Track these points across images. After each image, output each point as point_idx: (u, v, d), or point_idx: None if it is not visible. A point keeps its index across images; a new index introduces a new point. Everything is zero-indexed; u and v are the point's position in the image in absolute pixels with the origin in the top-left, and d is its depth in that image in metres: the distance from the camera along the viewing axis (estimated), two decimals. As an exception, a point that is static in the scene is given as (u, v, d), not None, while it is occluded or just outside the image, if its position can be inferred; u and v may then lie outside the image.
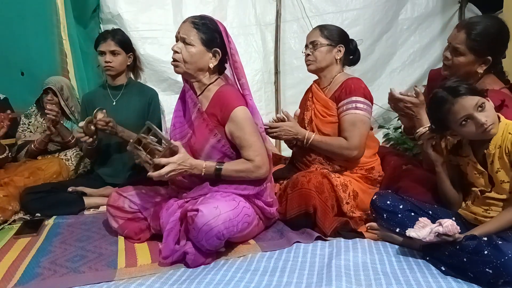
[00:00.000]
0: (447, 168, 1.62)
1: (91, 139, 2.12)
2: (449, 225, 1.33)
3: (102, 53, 2.29)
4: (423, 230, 1.39)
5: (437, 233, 1.35)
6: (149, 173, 1.54)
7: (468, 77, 1.66)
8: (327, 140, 1.92)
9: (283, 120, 2.00)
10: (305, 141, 1.94)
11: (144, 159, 1.56)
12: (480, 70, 1.69)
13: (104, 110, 2.16)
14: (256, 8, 3.48)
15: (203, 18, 1.69)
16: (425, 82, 2.14)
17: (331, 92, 1.99)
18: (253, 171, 1.64)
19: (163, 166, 1.53)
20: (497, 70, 1.75)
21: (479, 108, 1.39)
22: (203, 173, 1.61)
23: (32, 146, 2.54)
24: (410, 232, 1.42)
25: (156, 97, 2.43)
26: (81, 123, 2.10)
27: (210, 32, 1.66)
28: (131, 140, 1.61)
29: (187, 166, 1.57)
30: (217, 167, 1.62)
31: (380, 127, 3.48)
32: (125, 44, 2.35)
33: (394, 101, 1.77)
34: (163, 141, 1.60)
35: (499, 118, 1.45)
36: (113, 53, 2.28)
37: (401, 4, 3.47)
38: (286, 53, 3.52)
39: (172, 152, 1.57)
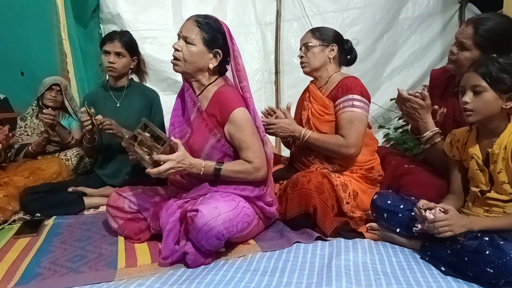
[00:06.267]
0: (450, 164, 1.63)
1: (91, 126, 2.13)
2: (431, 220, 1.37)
3: (107, 52, 2.27)
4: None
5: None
6: (147, 170, 1.52)
7: None
8: (324, 138, 1.91)
9: (272, 114, 2.00)
10: (301, 138, 1.93)
11: (141, 155, 1.53)
12: None
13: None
14: (256, 7, 3.47)
15: (207, 17, 1.67)
16: (426, 82, 2.14)
17: (328, 91, 1.99)
18: (252, 173, 1.64)
19: (161, 164, 1.51)
20: None
21: (475, 92, 1.41)
22: (202, 172, 1.60)
23: (30, 148, 2.55)
24: (418, 226, 1.44)
25: (158, 98, 2.43)
26: (83, 108, 2.12)
27: (213, 32, 1.64)
28: (126, 136, 1.58)
29: (186, 165, 1.56)
30: (216, 167, 1.61)
31: (380, 127, 3.48)
32: (131, 47, 2.33)
33: (401, 101, 1.77)
34: (162, 137, 1.56)
35: (509, 119, 1.44)
36: (118, 54, 2.27)
37: (401, 4, 3.47)
38: (286, 53, 3.51)
39: (172, 149, 1.56)
